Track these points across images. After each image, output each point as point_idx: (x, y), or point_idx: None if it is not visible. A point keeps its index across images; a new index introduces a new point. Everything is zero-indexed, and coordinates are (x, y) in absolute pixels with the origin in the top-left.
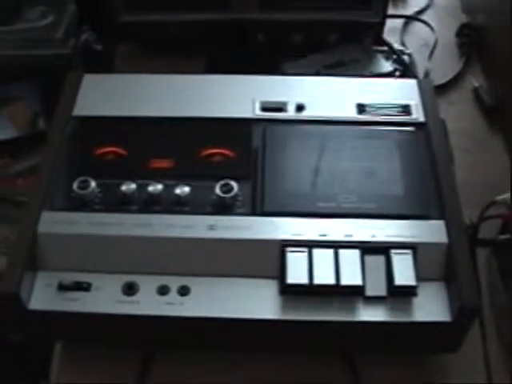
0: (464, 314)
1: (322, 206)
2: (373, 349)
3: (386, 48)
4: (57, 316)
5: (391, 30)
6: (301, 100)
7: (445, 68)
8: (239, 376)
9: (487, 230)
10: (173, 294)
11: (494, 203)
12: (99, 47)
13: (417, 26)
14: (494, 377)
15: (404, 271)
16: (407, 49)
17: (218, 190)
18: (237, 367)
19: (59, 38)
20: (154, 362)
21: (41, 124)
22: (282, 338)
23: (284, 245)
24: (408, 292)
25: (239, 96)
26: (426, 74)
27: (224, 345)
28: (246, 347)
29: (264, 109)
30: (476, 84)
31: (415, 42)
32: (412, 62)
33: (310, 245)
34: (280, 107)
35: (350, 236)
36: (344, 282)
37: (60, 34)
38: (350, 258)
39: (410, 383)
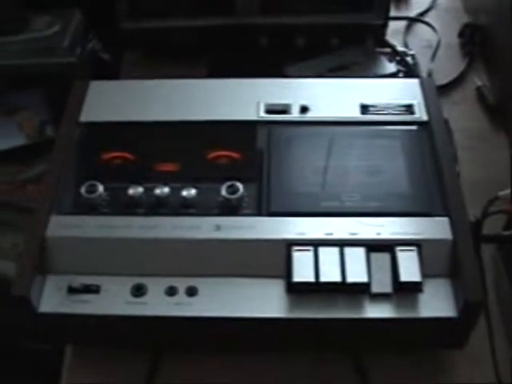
0: (469, 309)
1: (326, 205)
2: (379, 345)
3: (389, 50)
4: (67, 318)
5: (394, 31)
6: (304, 102)
7: (448, 68)
8: (249, 376)
9: (493, 226)
10: (181, 295)
11: (496, 199)
12: (105, 55)
13: (419, 28)
14: (502, 372)
15: (409, 268)
16: (410, 50)
17: (223, 192)
18: (246, 367)
19: (65, 47)
20: (163, 362)
21: (49, 131)
22: (290, 337)
23: (290, 244)
24: (413, 288)
25: (243, 99)
26: (429, 75)
27: (232, 344)
28: (255, 346)
29: (268, 111)
30: (479, 83)
31: (418, 43)
32: (415, 63)
33: (316, 243)
34: (284, 109)
35: (355, 234)
36: (350, 279)
37: (66, 43)
38: (355, 255)
39: (416, 378)
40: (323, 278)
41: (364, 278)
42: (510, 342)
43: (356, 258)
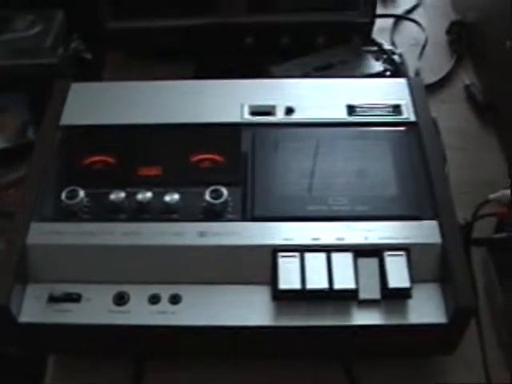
0: (460, 315)
1: (313, 209)
2: (368, 352)
3: (375, 48)
4: (48, 328)
5: (381, 29)
6: (290, 103)
7: (436, 66)
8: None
9: (482, 230)
10: (164, 303)
11: (487, 202)
12: (88, 56)
13: (407, 25)
14: (493, 378)
15: (398, 273)
16: (397, 48)
17: (207, 197)
18: (232, 375)
19: (48, 47)
20: (147, 369)
21: (30, 134)
22: (276, 345)
23: (275, 250)
24: (402, 294)
25: (227, 101)
26: (417, 73)
27: (217, 353)
28: (240, 355)
29: (253, 113)
30: (467, 82)
31: (405, 41)
32: (402, 62)
33: (302, 249)
34: (269, 111)
35: (342, 239)
36: (337, 285)
37: (48, 43)
38: (342, 261)
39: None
40: (310, 285)
41: (352, 285)
42: (500, 346)
43: (343, 263)
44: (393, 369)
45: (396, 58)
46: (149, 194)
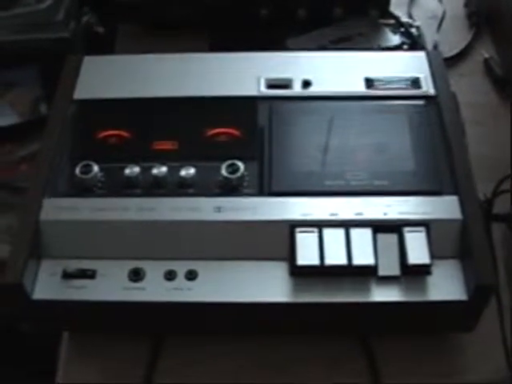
0: (480, 292)
1: (331, 184)
2: (386, 330)
3: (393, 21)
4: (62, 305)
5: (398, 2)
6: (307, 76)
7: (454, 40)
8: (251, 359)
9: (502, 205)
10: (180, 279)
11: (508, 177)
12: (101, 29)
13: None
14: None
15: (417, 249)
16: (415, 21)
17: (224, 171)
18: (247, 351)
19: (59, 21)
20: (163, 346)
21: (43, 109)
22: (294, 321)
23: (293, 225)
24: (422, 271)
25: (244, 74)
26: (435, 47)
27: (234, 329)
28: (257, 331)
29: (269, 86)
30: (486, 55)
31: (423, 14)
32: (420, 35)
33: (320, 225)
34: (286, 84)
35: (361, 214)
36: (356, 261)
37: (60, 17)
38: (361, 237)
39: (422, 361)
40: (328, 261)
41: (371, 261)
42: None
43: (362, 239)
44: (409, 344)
45: (413, 31)
46: (164, 169)
